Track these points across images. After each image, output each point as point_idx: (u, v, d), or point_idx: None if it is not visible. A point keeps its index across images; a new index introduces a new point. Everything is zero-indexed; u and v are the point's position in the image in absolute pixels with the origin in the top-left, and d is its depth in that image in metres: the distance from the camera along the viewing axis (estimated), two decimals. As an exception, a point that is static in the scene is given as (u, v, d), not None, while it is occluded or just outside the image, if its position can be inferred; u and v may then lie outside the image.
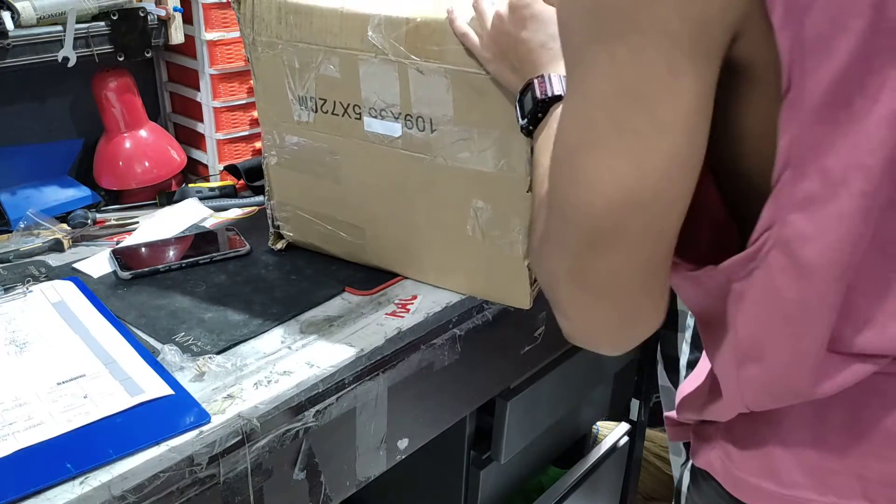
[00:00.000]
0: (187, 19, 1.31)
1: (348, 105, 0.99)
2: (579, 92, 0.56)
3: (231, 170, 1.39)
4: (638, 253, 0.57)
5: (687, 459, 0.89)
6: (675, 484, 1.62)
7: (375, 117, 0.98)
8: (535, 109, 0.78)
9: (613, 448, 1.62)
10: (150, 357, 0.88)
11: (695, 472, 0.81)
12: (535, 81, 0.79)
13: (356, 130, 1.00)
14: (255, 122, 1.41)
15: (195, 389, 0.83)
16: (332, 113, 1.00)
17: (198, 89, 1.37)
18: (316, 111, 1.02)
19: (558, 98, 0.77)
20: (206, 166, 1.43)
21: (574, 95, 0.57)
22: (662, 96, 0.53)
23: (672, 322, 1.51)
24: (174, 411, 0.79)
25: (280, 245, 1.15)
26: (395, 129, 0.97)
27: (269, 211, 1.15)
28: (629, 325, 0.62)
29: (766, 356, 0.61)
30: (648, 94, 0.53)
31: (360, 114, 0.99)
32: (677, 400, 0.83)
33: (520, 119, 0.81)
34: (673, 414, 0.87)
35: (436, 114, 0.94)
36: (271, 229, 1.16)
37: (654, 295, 0.60)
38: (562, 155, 0.58)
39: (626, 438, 1.65)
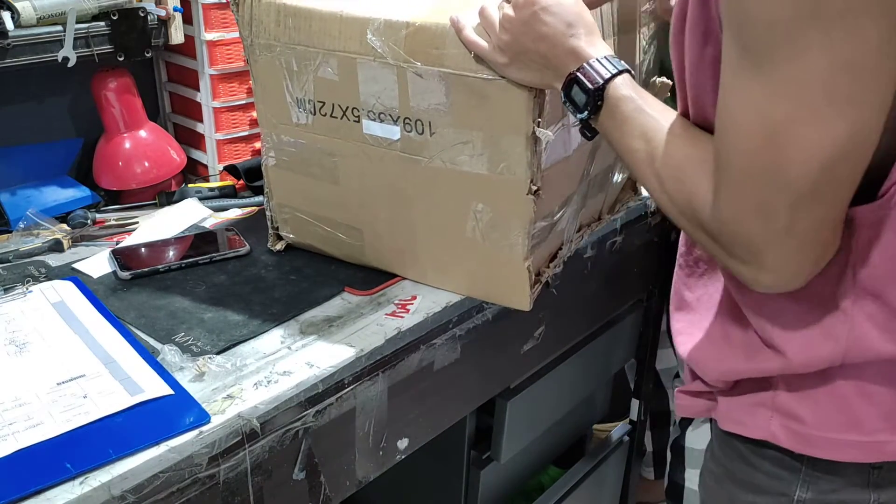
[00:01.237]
0: (187, 19, 1.32)
1: (347, 108, 0.99)
2: (786, 70, 0.59)
3: (231, 170, 1.39)
4: (843, 197, 0.64)
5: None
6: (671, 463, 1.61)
7: (374, 120, 0.98)
8: (592, 100, 0.79)
9: (613, 448, 1.62)
10: (149, 357, 0.88)
11: (731, 442, 0.85)
12: (579, 74, 0.80)
13: (355, 133, 1.00)
14: (254, 123, 1.41)
15: (195, 390, 0.83)
16: (331, 115, 1.00)
17: (197, 89, 1.37)
18: (314, 113, 1.02)
19: (610, 79, 0.78)
20: (205, 166, 1.43)
21: (778, 73, 0.59)
22: (878, 66, 0.57)
23: None
24: (174, 411, 0.79)
25: (279, 246, 1.15)
26: (393, 132, 0.97)
27: (268, 212, 1.15)
28: (824, 258, 0.67)
29: (886, 292, 0.69)
30: (864, 67, 0.57)
31: (358, 116, 0.99)
32: (704, 367, 0.85)
33: (575, 115, 0.82)
34: (690, 387, 0.90)
35: (435, 117, 0.94)
36: (270, 230, 1.16)
37: (842, 221, 0.67)
38: (763, 130, 0.61)
39: (626, 438, 1.65)
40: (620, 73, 0.78)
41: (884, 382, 0.74)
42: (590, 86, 0.78)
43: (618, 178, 1.28)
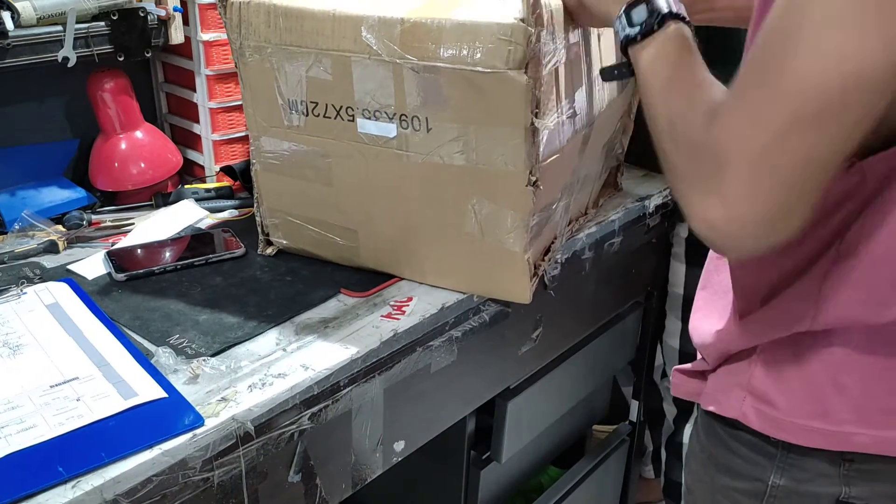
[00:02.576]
0: (183, 20, 1.31)
1: (341, 107, 0.98)
2: None
3: (227, 171, 1.38)
4: (842, 136, 0.59)
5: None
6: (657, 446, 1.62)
7: (369, 118, 0.97)
8: (651, 21, 0.77)
9: (613, 448, 1.61)
10: (143, 359, 0.87)
11: (712, 425, 0.88)
12: None
13: (349, 132, 0.99)
14: (251, 123, 1.41)
15: (189, 392, 0.83)
16: (324, 116, 1.00)
17: (194, 90, 1.37)
18: (307, 115, 1.01)
19: (679, 16, 0.77)
20: (202, 167, 1.43)
21: None
22: None
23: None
24: (168, 414, 0.79)
25: (269, 251, 1.14)
26: (389, 129, 0.97)
27: (258, 218, 1.14)
28: (785, 220, 0.62)
29: (866, 252, 0.68)
30: None
31: (353, 116, 0.98)
32: (702, 341, 0.87)
33: (625, 27, 0.79)
34: (688, 366, 0.92)
35: (431, 113, 0.94)
36: (261, 236, 1.15)
37: (817, 192, 0.62)
38: (795, 29, 0.58)
39: (626, 438, 1.65)
40: (688, 22, 0.78)
41: (857, 375, 0.76)
42: (662, 9, 0.76)
43: (602, 174, 1.29)
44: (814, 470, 0.80)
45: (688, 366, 0.92)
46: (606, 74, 0.89)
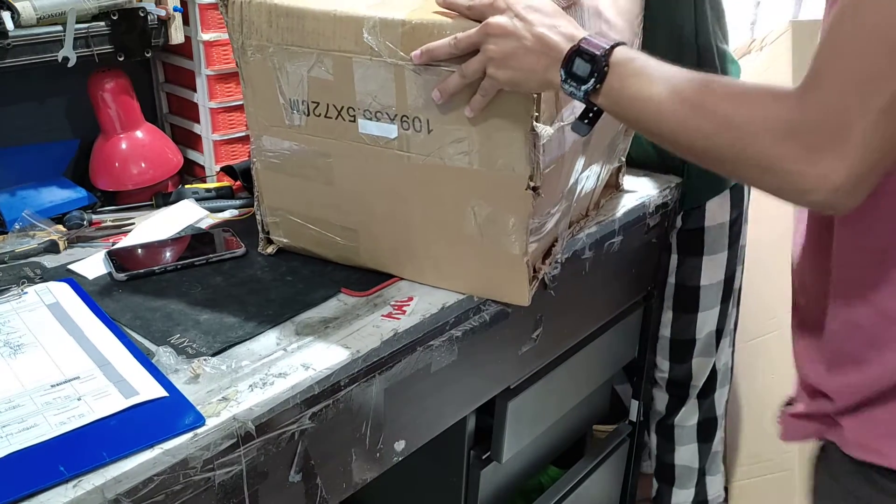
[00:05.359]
0: (184, 20, 1.31)
1: (342, 108, 0.98)
2: None
3: (227, 171, 1.39)
4: None
5: None
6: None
7: (370, 119, 0.97)
8: (599, 66, 0.78)
9: (614, 448, 1.61)
10: (144, 359, 0.88)
11: (865, 471, 0.79)
12: (581, 44, 0.80)
13: (350, 133, 1.00)
14: (251, 123, 1.41)
15: (190, 392, 0.83)
16: (326, 116, 1.00)
17: (194, 90, 1.37)
18: (308, 114, 1.01)
19: (613, 46, 0.78)
20: (202, 167, 1.43)
21: None
22: None
23: (692, 304, 1.53)
24: (169, 414, 0.79)
25: (270, 250, 1.14)
26: (390, 130, 0.97)
27: (258, 216, 1.14)
28: (890, 158, 0.66)
29: None
30: None
31: (354, 116, 0.98)
32: (826, 378, 0.82)
33: (579, 87, 0.80)
34: (800, 408, 0.86)
35: (432, 114, 0.94)
36: (261, 235, 1.15)
37: None
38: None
39: (626, 438, 1.65)
40: (620, 44, 0.80)
41: None
42: (595, 52, 0.78)
43: (603, 176, 1.29)
44: None
45: (800, 408, 0.86)
46: (581, 129, 0.88)
